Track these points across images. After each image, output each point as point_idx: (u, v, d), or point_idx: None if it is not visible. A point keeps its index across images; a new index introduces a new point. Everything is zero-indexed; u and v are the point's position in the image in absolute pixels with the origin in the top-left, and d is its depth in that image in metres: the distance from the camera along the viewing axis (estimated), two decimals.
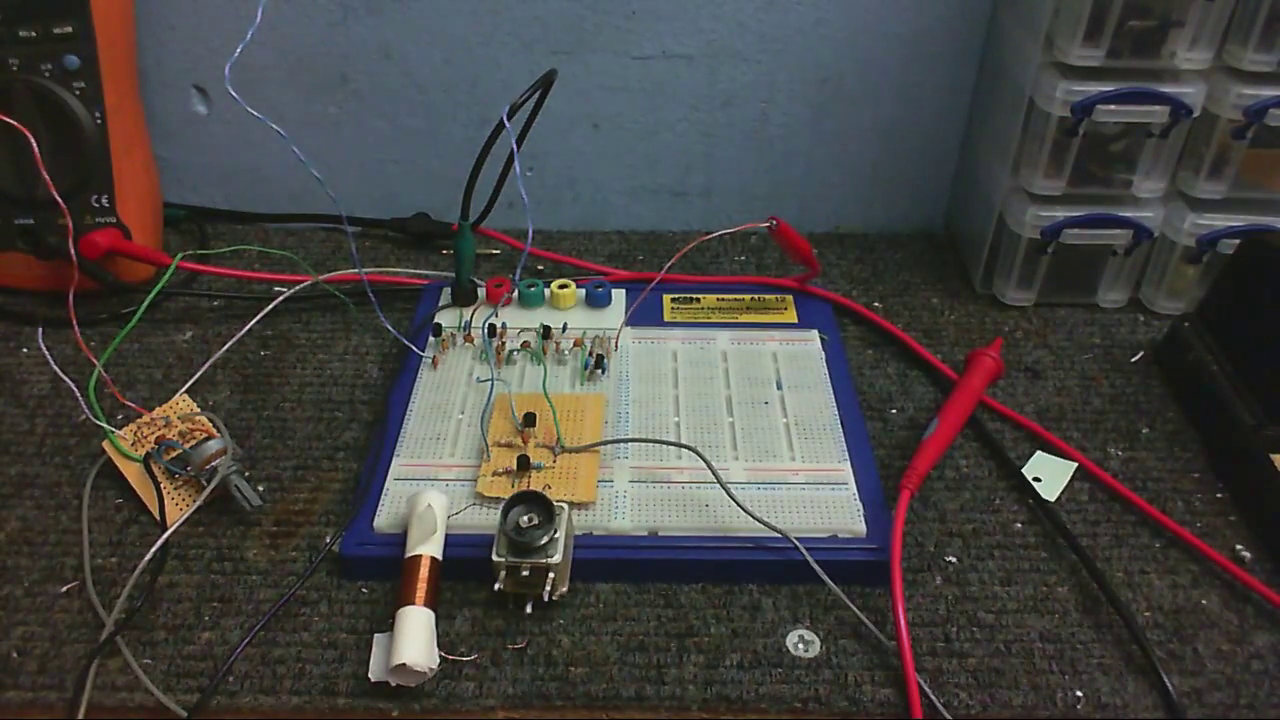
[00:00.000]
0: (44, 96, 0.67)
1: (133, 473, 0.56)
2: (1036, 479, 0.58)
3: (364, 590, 0.52)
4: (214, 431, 0.57)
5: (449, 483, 0.55)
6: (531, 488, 0.52)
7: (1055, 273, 0.71)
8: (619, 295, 0.69)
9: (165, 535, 0.51)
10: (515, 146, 0.60)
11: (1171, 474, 0.59)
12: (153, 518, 0.55)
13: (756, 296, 0.70)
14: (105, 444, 0.57)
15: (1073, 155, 0.67)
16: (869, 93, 0.77)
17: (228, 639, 0.49)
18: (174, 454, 0.56)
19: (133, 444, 0.57)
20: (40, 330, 0.66)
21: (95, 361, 0.57)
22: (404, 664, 0.45)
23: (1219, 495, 0.58)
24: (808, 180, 0.82)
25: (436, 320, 0.66)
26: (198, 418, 0.59)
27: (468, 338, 0.65)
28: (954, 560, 0.54)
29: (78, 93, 0.68)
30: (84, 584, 0.51)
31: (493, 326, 0.65)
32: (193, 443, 0.56)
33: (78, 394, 0.57)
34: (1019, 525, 0.56)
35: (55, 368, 0.58)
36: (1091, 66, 0.64)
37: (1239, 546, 0.55)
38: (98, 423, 0.56)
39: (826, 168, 0.81)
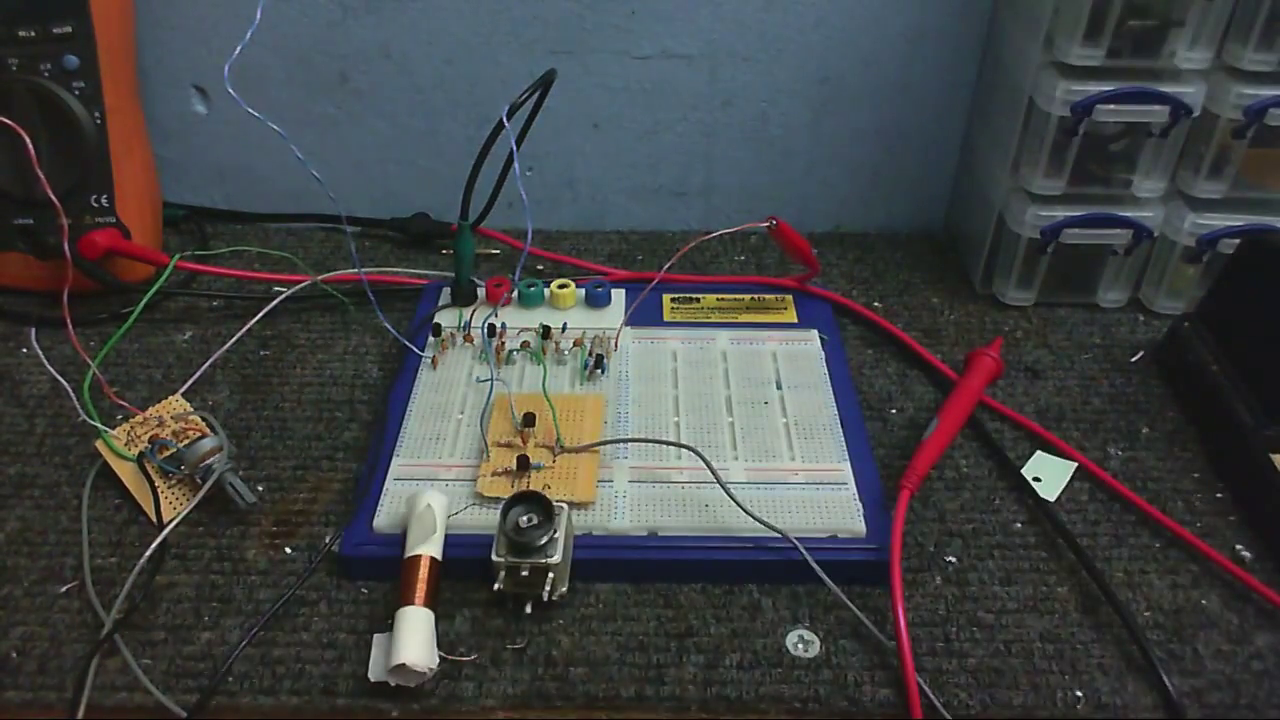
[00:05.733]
0: (44, 96, 0.67)
1: (127, 472, 0.56)
2: (1036, 479, 0.58)
3: (363, 590, 0.52)
4: (208, 430, 0.57)
5: (449, 483, 0.55)
6: (531, 488, 0.52)
7: (1055, 273, 0.71)
8: (619, 295, 0.69)
9: (163, 534, 0.51)
10: (515, 146, 0.60)
11: (1171, 474, 0.59)
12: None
13: (756, 296, 0.70)
14: (99, 443, 0.57)
15: (1073, 155, 0.67)
16: (869, 93, 0.77)
17: (227, 639, 0.49)
18: (168, 453, 0.56)
19: (126, 443, 0.57)
20: (34, 330, 0.66)
21: (90, 362, 0.57)
22: (404, 664, 0.45)
23: (1219, 495, 0.58)
24: (808, 180, 0.82)
25: (436, 320, 0.66)
26: (191, 417, 0.59)
27: (467, 338, 0.65)
28: (954, 560, 0.54)
29: (77, 93, 0.68)
30: (83, 584, 0.51)
31: (492, 326, 0.65)
32: (186, 441, 0.56)
33: (72, 394, 0.57)
34: (1019, 525, 0.56)
35: (50, 368, 0.58)
36: (1091, 66, 0.64)
37: (1239, 546, 0.55)
38: (92, 422, 0.56)
39: (826, 168, 0.81)
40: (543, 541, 0.49)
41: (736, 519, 0.52)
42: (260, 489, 0.57)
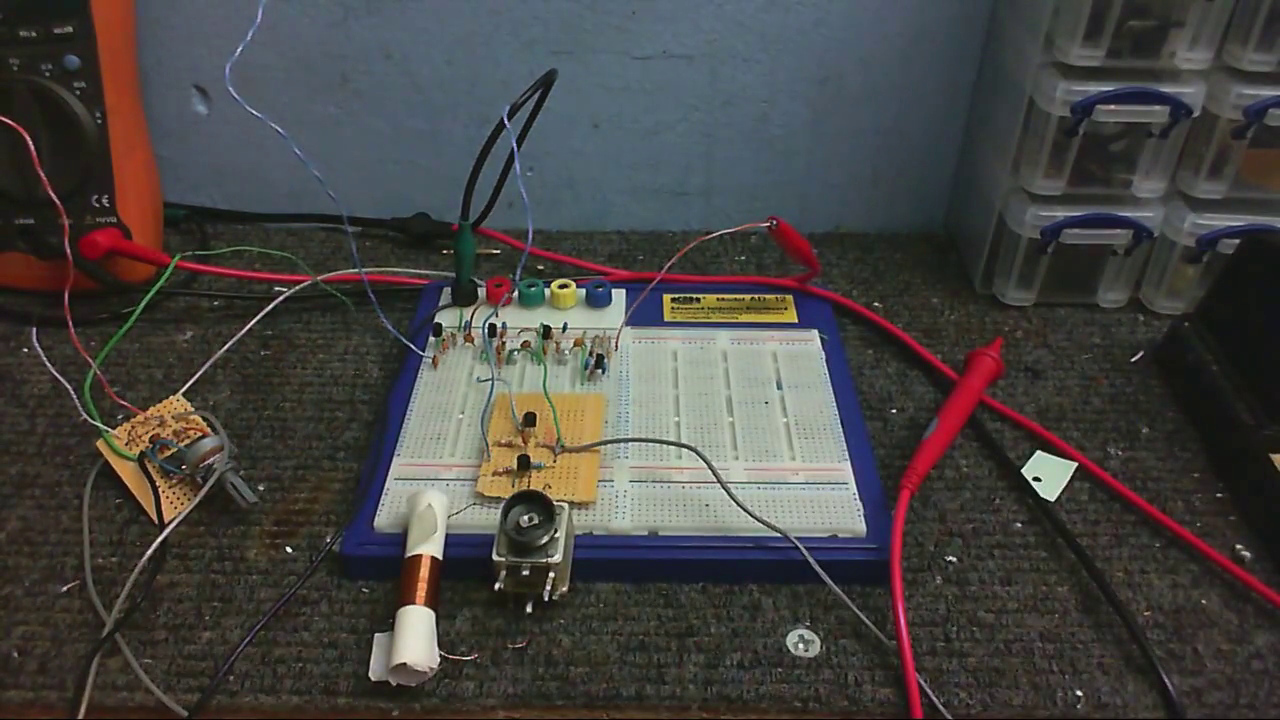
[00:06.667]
0: (44, 96, 0.67)
1: (128, 472, 0.56)
2: (1036, 479, 0.58)
3: (364, 590, 0.52)
4: (208, 430, 0.57)
5: (449, 482, 0.55)
6: (532, 487, 0.52)
7: (1055, 273, 0.71)
8: (619, 295, 0.69)
9: (164, 534, 0.51)
10: (515, 146, 0.60)
11: (1171, 474, 0.59)
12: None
13: (756, 296, 0.70)
14: (100, 443, 0.57)
15: (1073, 155, 0.67)
16: (869, 93, 0.77)
17: (228, 638, 0.49)
18: (169, 452, 0.56)
19: (127, 443, 0.57)
20: (35, 330, 0.66)
21: (91, 362, 0.57)
22: (404, 663, 0.45)
23: (1219, 495, 0.58)
24: (808, 180, 0.82)
25: (437, 320, 0.66)
26: (192, 416, 0.59)
27: (468, 337, 0.65)
28: (954, 560, 0.54)
29: (78, 93, 0.68)
30: (84, 583, 0.51)
31: (493, 326, 0.65)
32: (187, 441, 0.56)
33: (73, 394, 0.57)
34: (1019, 525, 0.56)
35: (51, 368, 0.58)
36: (1091, 66, 0.64)
37: (1239, 546, 0.55)
38: (93, 422, 0.56)
39: (827, 168, 0.81)
40: (543, 541, 0.49)
41: (737, 519, 0.52)
42: (261, 489, 0.57)
